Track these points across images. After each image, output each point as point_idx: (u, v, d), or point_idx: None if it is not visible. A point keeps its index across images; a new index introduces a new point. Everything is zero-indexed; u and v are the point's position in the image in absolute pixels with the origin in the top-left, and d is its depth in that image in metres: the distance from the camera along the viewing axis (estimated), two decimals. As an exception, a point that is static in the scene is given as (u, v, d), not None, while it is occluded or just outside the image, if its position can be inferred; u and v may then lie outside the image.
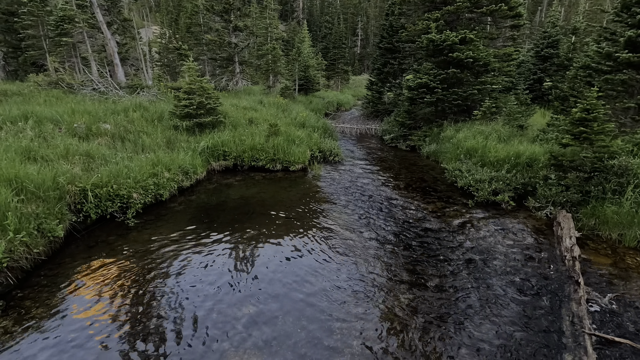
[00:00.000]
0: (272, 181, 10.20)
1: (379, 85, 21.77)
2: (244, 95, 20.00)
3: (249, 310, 4.70)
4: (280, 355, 3.97)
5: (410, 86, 14.54)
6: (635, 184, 7.12)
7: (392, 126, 16.40)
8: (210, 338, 4.20)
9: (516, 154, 9.55)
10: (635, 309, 4.85)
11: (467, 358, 4.00)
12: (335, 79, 41.97)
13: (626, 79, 9.43)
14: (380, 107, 21.37)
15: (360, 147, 15.35)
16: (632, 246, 6.41)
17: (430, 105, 14.26)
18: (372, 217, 7.72)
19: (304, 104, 21.92)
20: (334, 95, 31.03)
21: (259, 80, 27.89)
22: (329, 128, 15.65)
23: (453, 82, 13.89)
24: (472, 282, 5.44)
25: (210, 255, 5.99)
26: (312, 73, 27.95)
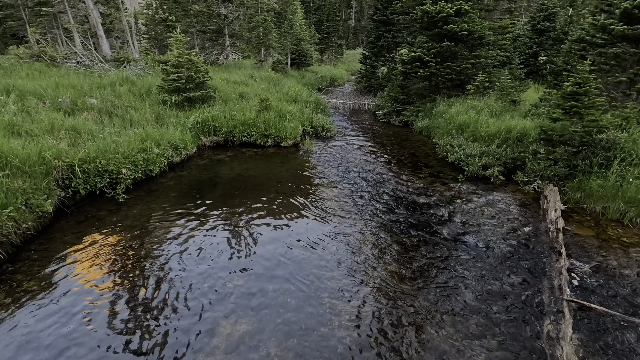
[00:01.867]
0: (264, 157, 10.15)
1: (372, 60, 21.35)
2: (234, 69, 19.52)
3: (241, 282, 4.79)
4: (271, 322, 4.08)
5: (404, 60, 14.29)
6: (621, 158, 7.23)
7: (385, 101, 16.23)
8: (202, 308, 4.29)
9: (507, 129, 9.57)
10: (612, 277, 5.04)
11: (452, 323, 4.16)
12: (328, 53, 41.01)
13: (620, 52, 9.35)
14: (374, 82, 21.04)
15: (353, 122, 15.24)
16: (615, 218, 6.58)
17: (423, 80, 14.08)
18: (364, 192, 7.78)
19: (296, 78, 21.49)
20: (327, 69, 30.41)
21: (250, 53, 27.15)
22: (322, 103, 15.44)
23: (447, 56, 13.67)
24: (459, 253, 5.58)
25: (201, 230, 6.03)
26: (305, 47, 27.24)
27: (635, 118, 8.44)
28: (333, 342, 3.85)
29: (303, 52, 26.34)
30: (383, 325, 4.12)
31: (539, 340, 3.93)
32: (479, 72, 13.20)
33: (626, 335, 4.02)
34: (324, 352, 3.73)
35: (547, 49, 19.51)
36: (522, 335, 4.01)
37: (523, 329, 4.11)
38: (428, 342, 3.90)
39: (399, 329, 4.08)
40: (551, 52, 18.26)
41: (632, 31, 8.65)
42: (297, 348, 3.77)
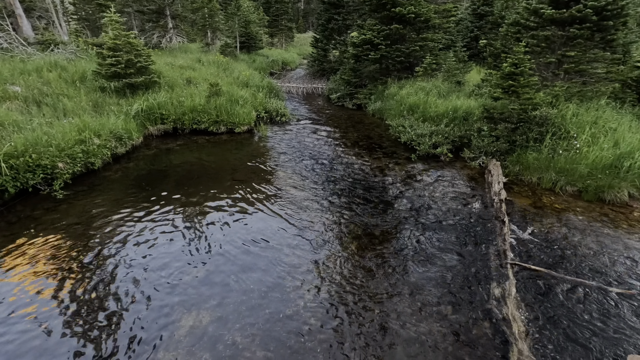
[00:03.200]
0: (217, 144, 9.78)
1: (324, 43, 21.20)
2: (179, 53, 18.39)
3: (200, 273, 4.64)
4: (234, 310, 4.02)
5: (355, 43, 14.36)
6: (552, 133, 7.93)
7: (338, 85, 16.28)
8: (161, 304, 4.11)
9: (454, 109, 10.07)
10: (547, 240, 5.59)
11: (410, 293, 4.38)
12: (279, 37, 40.05)
13: (549, 35, 10.13)
14: (326, 65, 20.96)
15: (308, 106, 15.14)
16: (548, 187, 7.26)
17: (375, 63, 14.28)
18: (321, 175, 7.82)
19: (246, 62, 20.78)
20: (279, 53, 29.75)
21: (196, 37, 25.69)
22: (275, 88, 15.12)
23: (396, 39, 13.95)
24: (415, 228, 5.85)
25: (153, 223, 5.72)
26: (254, 30, 26.31)
27: (563, 96, 9.27)
28: (298, 324, 3.89)
29: (252, 35, 25.46)
30: (346, 302, 4.23)
31: (488, 301, 4.28)
32: (426, 55, 13.65)
33: (558, 289, 4.50)
34: (290, 333, 3.76)
35: (486, 33, 20.62)
36: (473, 299, 4.34)
37: (474, 292, 4.44)
38: (389, 314, 4.07)
39: (361, 303, 4.22)
40: (490, 36, 19.34)
41: (559, 15, 9.38)
42: (262, 333, 3.76)
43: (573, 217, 6.26)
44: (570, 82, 10.18)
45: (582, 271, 4.86)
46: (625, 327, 3.93)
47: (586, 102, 9.23)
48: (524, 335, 3.71)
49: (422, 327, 3.90)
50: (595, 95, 9.66)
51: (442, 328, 3.90)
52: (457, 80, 12.79)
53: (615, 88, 10.34)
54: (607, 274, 4.82)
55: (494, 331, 3.86)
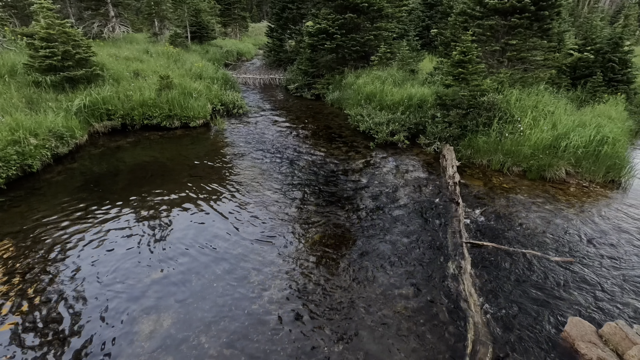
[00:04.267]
0: (171, 140, 9.34)
1: (279, 32, 20.82)
2: (124, 44, 17.21)
3: (159, 275, 4.44)
4: (198, 310, 3.90)
5: (310, 32, 14.24)
6: (499, 117, 8.42)
7: (296, 75, 16.11)
8: (117, 311, 3.88)
9: (409, 97, 10.36)
10: (497, 217, 5.97)
11: (373, 278, 4.49)
12: (232, 27, 38.74)
13: (494, 24, 10.68)
14: (282, 55, 20.64)
15: (265, 98, 14.87)
16: (497, 169, 7.73)
17: (331, 52, 14.28)
18: (281, 167, 7.74)
19: (199, 53, 19.91)
20: (233, 44, 28.80)
21: (142, 26, 24.16)
22: (230, 79, 14.66)
23: (351, 28, 14.02)
24: (375, 213, 5.98)
25: (104, 226, 5.37)
26: (205, 19, 25.21)
27: (508, 82, 9.85)
28: (265, 318, 3.86)
29: (204, 24, 24.39)
30: (312, 293, 4.25)
31: (446, 280, 4.50)
32: (380, 44, 13.86)
33: (507, 262, 4.84)
34: (256, 328, 3.72)
35: (437, 22, 21.32)
36: (433, 278, 4.54)
37: (433, 272, 4.65)
38: (354, 301, 4.16)
39: (326, 292, 4.26)
40: (441, 25, 20.02)
41: (501, 5, 9.89)
42: (228, 330, 3.68)
43: (519, 195, 6.73)
44: (514, 69, 10.83)
45: (527, 243, 5.26)
46: (565, 291, 4.32)
47: (527, 87, 9.88)
48: (479, 308, 3.96)
49: (386, 310, 4.03)
50: (535, 81, 10.38)
51: (405, 309, 4.06)
52: (411, 69, 13.15)
53: (552, 74, 11.17)
54: (548, 245, 5.25)
55: (452, 307, 4.08)
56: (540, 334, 3.74)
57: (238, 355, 3.42)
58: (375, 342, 3.61)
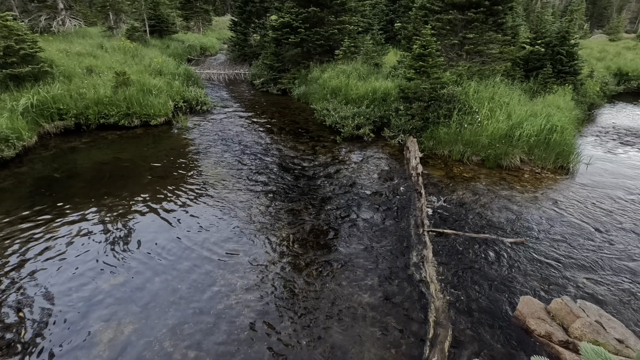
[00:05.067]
0: (131, 139, 8.95)
1: (243, 27, 20.38)
2: (76, 39, 16.22)
3: (119, 279, 4.27)
4: (161, 314, 3.80)
5: (274, 26, 14.07)
6: (458, 109, 8.73)
7: (261, 70, 15.88)
8: (72, 322, 3.71)
9: (373, 90, 10.50)
10: (458, 205, 6.22)
11: (341, 271, 4.56)
12: (195, 20, 37.47)
13: (452, 18, 11.01)
14: (247, 50, 20.25)
15: (230, 93, 14.56)
16: (458, 159, 8.03)
17: (296, 46, 14.17)
18: (248, 165, 7.65)
19: (159, 48, 19.12)
20: (196, 38, 27.89)
21: (96, 19, 22.87)
22: (193, 75, 14.22)
23: (315, 22, 13.97)
24: (342, 206, 6.06)
25: (60, 233, 5.08)
26: (165, 11, 24.22)
27: (466, 74, 10.22)
28: (231, 317, 3.83)
29: (163, 18, 23.43)
30: (278, 289, 4.26)
31: (409, 268, 4.65)
32: (345, 38, 13.92)
33: (466, 247, 5.06)
34: (223, 328, 3.68)
35: (400, 16, 21.68)
36: (396, 267, 4.67)
37: (397, 261, 4.78)
38: (321, 293, 4.21)
39: (292, 287, 4.28)
40: (404, 19, 20.38)
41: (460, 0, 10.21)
42: (194, 333, 3.62)
43: (478, 183, 7.04)
44: (472, 61, 11.25)
45: (485, 228, 5.52)
46: (518, 272, 4.59)
47: (485, 79, 10.30)
48: (440, 293, 4.12)
49: (352, 302, 4.11)
50: (491, 74, 10.83)
51: (371, 298, 4.16)
52: (376, 63, 13.33)
53: (507, 66, 11.70)
54: (504, 228, 5.55)
55: (415, 294, 4.22)
56: (496, 313, 3.95)
57: (203, 357, 3.38)
58: (341, 334, 3.68)
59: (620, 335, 3.40)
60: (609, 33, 40.70)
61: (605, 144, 9.68)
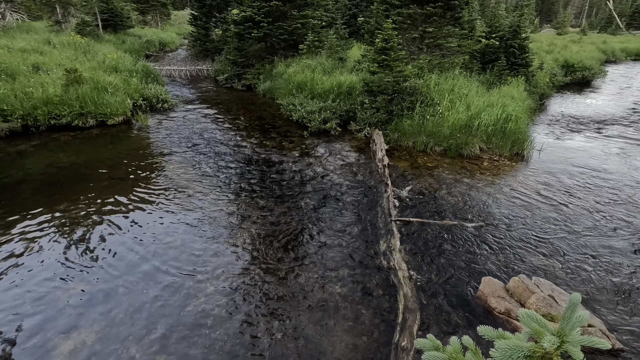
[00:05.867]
0: (86, 140, 8.47)
1: (203, 21, 19.74)
2: (19, 34, 15.05)
3: (78, 289, 4.05)
4: (127, 320, 3.65)
5: (236, 20, 13.76)
6: (421, 101, 8.99)
7: (224, 65, 15.51)
8: (28, 336, 3.48)
9: (338, 84, 10.57)
10: (422, 194, 6.44)
11: (310, 263, 4.59)
12: (152, 14, 35.88)
13: (412, 12, 11.28)
14: (209, 45, 19.66)
15: (193, 90, 14.12)
16: (421, 149, 8.29)
17: (259, 41, 13.95)
18: (214, 163, 7.47)
19: (114, 44, 18.15)
20: (154, 33, 26.73)
21: (41, 13, 21.30)
22: (153, 71, 13.64)
23: (278, 16, 13.81)
24: (312, 200, 6.08)
25: (9, 244, 4.73)
26: (118, 5, 22.99)
27: (427, 67, 10.53)
28: (201, 318, 3.75)
29: (117, 11, 22.23)
30: (249, 287, 4.22)
31: (378, 257, 4.76)
32: (308, 32, 13.88)
33: (431, 233, 5.26)
34: (192, 330, 3.61)
35: (363, 10, 21.90)
36: (366, 257, 4.77)
37: (367, 251, 4.89)
38: (293, 287, 4.22)
39: (264, 283, 4.26)
40: (366, 13, 20.62)
41: (418, -6, 10.47)
42: (162, 337, 3.51)
43: (441, 172, 7.31)
44: (432, 55, 11.60)
45: (448, 215, 5.76)
46: (479, 255, 4.84)
47: (445, 72, 10.66)
48: (408, 280, 4.26)
49: (324, 294, 4.15)
50: (451, 66, 11.23)
51: (342, 289, 4.22)
52: (340, 57, 13.41)
53: (466, 59, 12.17)
54: (466, 214, 5.81)
55: (385, 282, 4.34)
56: (461, 295, 4.15)
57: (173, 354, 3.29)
58: (314, 326, 3.71)
59: (570, 306, 3.67)
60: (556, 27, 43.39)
61: (555, 131, 10.35)
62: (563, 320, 1.00)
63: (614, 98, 14.99)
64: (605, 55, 25.30)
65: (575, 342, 0.95)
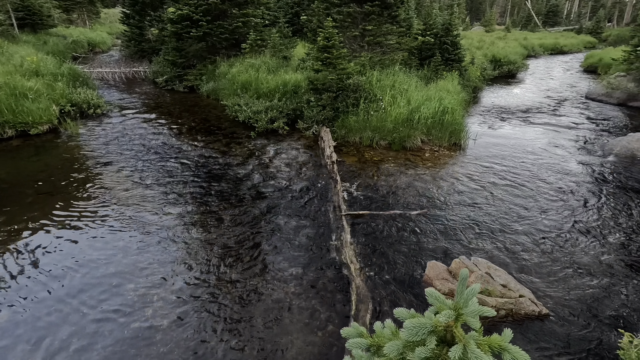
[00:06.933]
0: (5, 153, 7.59)
1: (137, 19, 18.56)
2: None
3: (3, 318, 3.63)
4: (64, 346, 3.35)
5: (173, 19, 13.11)
6: (364, 97, 9.25)
7: (163, 67, 14.73)
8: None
9: (284, 83, 10.53)
10: (370, 188, 6.64)
11: (262, 263, 4.54)
12: (78, 12, 33.03)
13: (351, 11, 11.54)
14: (145, 45, 18.55)
15: (130, 94, 13.24)
16: (367, 144, 8.54)
17: (199, 41, 13.44)
18: (156, 171, 7.09)
19: (33, 45, 16.43)
20: (82, 32, 24.64)
21: (-60, 11, 18.64)
22: (82, 75, 12.55)
23: (217, 14, 13.40)
24: (261, 201, 6.01)
25: None
26: (37, 2, 20.83)
27: (369, 64, 10.85)
28: (147, 331, 3.55)
29: (35, 9, 20.15)
30: (200, 294, 4.07)
31: (330, 253, 4.83)
32: (250, 31, 13.64)
33: (379, 224, 5.46)
34: (138, 342, 3.40)
35: (305, 9, 21.98)
36: (318, 253, 4.82)
37: (319, 247, 4.94)
38: (246, 293, 4.14)
39: (216, 289, 4.14)
40: (309, 12, 20.73)
41: (355, -7, 10.72)
42: (105, 352, 3.27)
43: (387, 165, 7.60)
44: (373, 52, 11.97)
45: (395, 205, 6.01)
46: (424, 240, 5.11)
47: (385, 68, 11.07)
48: (359, 272, 4.38)
49: (278, 294, 4.13)
50: (391, 63, 11.68)
51: (296, 288, 4.23)
52: (284, 56, 13.35)
53: (405, 56, 12.73)
54: (411, 203, 6.10)
55: (337, 276, 4.42)
56: (409, 281, 4.35)
57: None
58: (269, 327, 3.68)
59: (504, 281, 4.02)
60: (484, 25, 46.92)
61: (488, 121, 11.22)
62: (457, 295, 1.10)
63: (535, 89, 16.59)
64: (526, 51, 27.87)
65: (469, 313, 1.06)
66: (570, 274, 4.51)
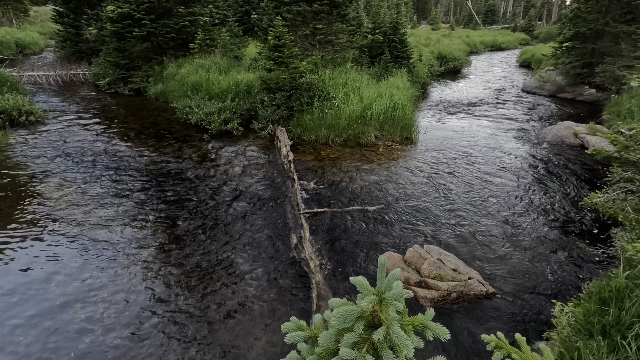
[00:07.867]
0: None
1: (72, 18, 17.19)
2: None
3: None
4: (-1, 379, 3.07)
5: (112, 18, 12.33)
6: (318, 95, 9.33)
7: (105, 69, 13.81)
8: None
9: (236, 83, 10.33)
10: (328, 185, 6.74)
11: (222, 267, 4.45)
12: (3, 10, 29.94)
13: (301, 10, 11.57)
14: (82, 46, 17.24)
15: (68, 98, 12.28)
16: (323, 142, 8.64)
17: (143, 41, 12.77)
18: (102, 179, 6.66)
19: (-51, 47, 14.69)
20: (7, 32, 22.37)
21: None
22: (9, 79, 11.42)
23: (162, 13, 12.82)
24: (219, 205, 5.87)
25: None
26: (-50, -1, 18.58)
27: (321, 63, 10.95)
28: (100, 348, 3.35)
29: (-51, 6, 17.95)
30: (156, 306, 3.91)
31: (290, 251, 4.85)
32: (198, 30, 13.20)
33: (337, 221, 5.56)
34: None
35: (255, 7, 21.65)
36: (278, 253, 4.82)
37: (278, 247, 4.93)
38: (206, 301, 4.05)
39: (175, 299, 4.00)
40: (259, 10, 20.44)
41: (304, -8, 10.76)
42: (50, 385, 3.05)
43: (344, 162, 7.74)
44: (324, 50, 12.10)
45: (353, 201, 6.15)
46: (382, 234, 5.29)
47: (338, 67, 11.23)
48: (319, 268, 4.44)
49: (239, 298, 4.08)
50: (343, 61, 11.88)
51: (257, 290, 4.19)
52: (235, 55, 13.09)
53: (356, 54, 13.00)
54: (368, 197, 6.28)
55: (298, 274, 4.44)
56: (367, 273, 4.48)
57: (68, 409, 2.89)
58: (232, 332, 3.63)
59: (454, 265, 4.28)
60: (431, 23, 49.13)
61: (436, 115, 11.79)
62: (378, 280, 1.19)
63: (478, 83, 17.69)
64: (469, 47, 29.60)
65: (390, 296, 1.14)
66: (512, 253, 4.89)
